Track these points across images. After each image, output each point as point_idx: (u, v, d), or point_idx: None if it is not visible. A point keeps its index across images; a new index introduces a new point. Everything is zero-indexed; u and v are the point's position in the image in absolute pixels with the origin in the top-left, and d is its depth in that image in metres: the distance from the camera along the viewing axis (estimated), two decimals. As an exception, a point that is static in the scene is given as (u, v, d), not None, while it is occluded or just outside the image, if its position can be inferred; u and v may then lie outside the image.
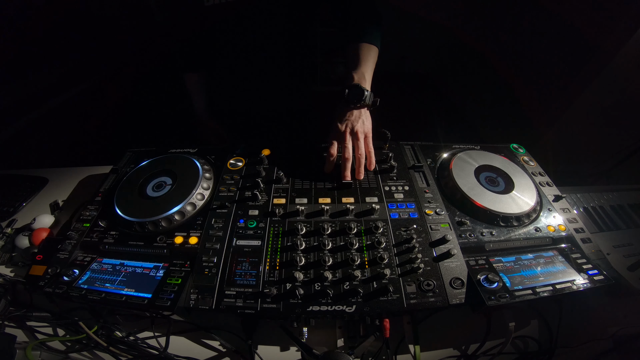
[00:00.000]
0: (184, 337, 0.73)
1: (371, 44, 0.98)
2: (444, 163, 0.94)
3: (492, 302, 0.63)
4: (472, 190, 0.84)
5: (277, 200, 0.82)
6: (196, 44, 1.15)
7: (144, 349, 0.70)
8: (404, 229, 0.76)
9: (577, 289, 0.66)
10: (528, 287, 0.66)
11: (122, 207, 0.82)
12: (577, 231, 0.81)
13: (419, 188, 0.86)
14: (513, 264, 0.72)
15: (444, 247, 0.72)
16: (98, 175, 1.10)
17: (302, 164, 0.92)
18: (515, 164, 0.95)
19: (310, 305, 0.64)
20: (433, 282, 0.67)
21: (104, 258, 0.74)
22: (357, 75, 0.91)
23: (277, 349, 0.72)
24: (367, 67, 0.94)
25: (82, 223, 0.81)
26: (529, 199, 0.84)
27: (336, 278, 0.67)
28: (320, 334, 0.73)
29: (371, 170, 0.90)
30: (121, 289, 0.66)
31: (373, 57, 0.98)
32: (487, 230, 0.78)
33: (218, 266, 0.69)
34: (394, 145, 0.99)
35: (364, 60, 0.95)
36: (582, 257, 0.74)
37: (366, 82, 0.91)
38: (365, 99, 0.88)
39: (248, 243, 0.73)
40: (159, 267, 0.71)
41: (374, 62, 0.98)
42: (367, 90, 0.89)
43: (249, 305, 0.64)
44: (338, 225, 0.76)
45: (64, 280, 0.68)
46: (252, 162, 0.93)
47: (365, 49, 0.97)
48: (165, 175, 0.89)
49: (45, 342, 0.70)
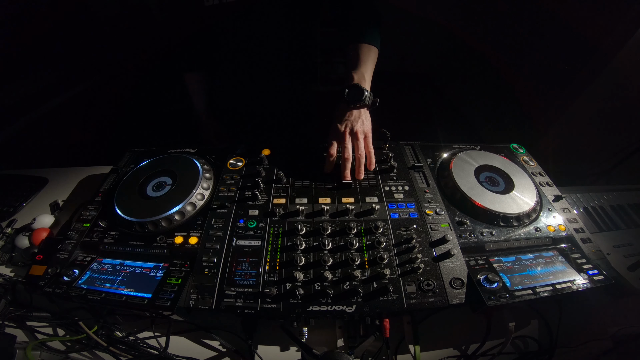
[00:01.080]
0: (184, 337, 0.73)
1: (371, 45, 0.98)
2: (444, 163, 0.94)
3: (492, 302, 0.63)
4: (472, 190, 0.84)
5: (277, 200, 0.82)
6: (197, 44, 1.15)
7: (144, 349, 0.70)
8: (404, 229, 0.76)
9: (577, 289, 0.66)
10: (528, 287, 0.66)
11: (122, 207, 0.82)
12: (577, 231, 0.81)
13: (419, 188, 0.86)
14: (513, 264, 0.72)
15: (444, 247, 0.72)
16: (98, 175, 1.10)
17: (302, 164, 0.92)
18: (515, 164, 0.95)
19: (310, 305, 0.64)
20: (433, 282, 0.67)
21: (104, 258, 0.74)
22: (356, 75, 0.91)
23: (277, 349, 0.72)
24: (366, 67, 0.94)
25: (82, 223, 0.81)
26: (529, 199, 0.84)
27: (336, 278, 0.67)
28: (320, 334, 0.73)
29: (371, 170, 0.90)
30: (121, 289, 0.66)
31: (373, 57, 0.98)
32: (487, 230, 0.78)
33: (218, 266, 0.69)
34: (394, 145, 0.99)
35: (364, 60, 0.95)
36: (582, 257, 0.74)
37: (366, 82, 0.91)
38: (364, 99, 0.88)
39: (248, 243, 0.73)
40: (159, 267, 0.71)
41: (373, 62, 0.98)
42: (366, 90, 0.89)
43: (249, 305, 0.64)
44: (338, 225, 0.76)
45: (64, 280, 0.68)
46: (252, 162, 0.93)
47: (365, 49, 0.97)
48: (165, 175, 0.89)
49: (45, 342, 0.70)
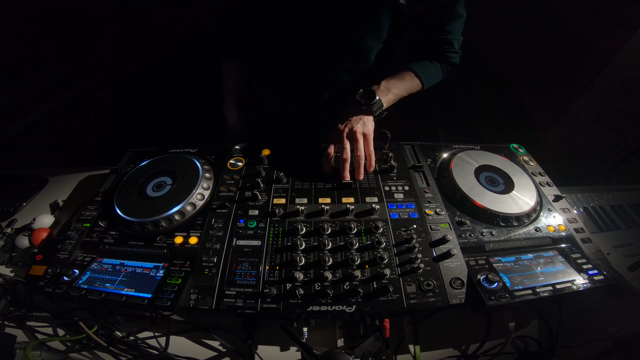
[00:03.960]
0: (184, 337, 0.73)
1: (417, 77, 0.95)
2: (444, 163, 0.94)
3: (492, 302, 0.63)
4: (472, 190, 0.84)
5: (277, 200, 0.82)
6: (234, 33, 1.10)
7: (144, 349, 0.70)
8: (404, 229, 0.76)
9: (577, 289, 0.66)
10: (528, 287, 0.66)
11: (122, 207, 0.82)
12: (577, 231, 0.81)
13: (419, 188, 0.86)
14: (513, 264, 0.72)
15: (444, 247, 0.72)
16: (98, 175, 1.10)
17: (302, 164, 0.92)
18: (515, 164, 0.95)
19: (310, 305, 0.64)
20: (433, 282, 0.67)
21: (104, 258, 0.74)
22: (381, 85, 0.90)
23: (277, 349, 0.72)
24: (397, 87, 0.92)
25: (82, 223, 0.81)
26: (529, 199, 0.84)
27: (336, 278, 0.67)
28: (320, 334, 0.73)
29: (370, 171, 0.89)
30: (121, 289, 0.66)
31: (409, 85, 0.95)
32: (487, 230, 0.78)
33: (218, 266, 0.69)
34: (394, 145, 0.99)
35: (399, 81, 0.93)
36: (582, 257, 0.74)
37: (385, 95, 0.89)
38: (374, 103, 0.86)
39: (248, 243, 0.73)
40: (159, 267, 0.71)
41: (406, 90, 0.95)
42: (378, 97, 0.87)
43: (249, 305, 0.64)
44: (338, 225, 0.76)
45: (64, 280, 0.68)
46: (252, 162, 0.93)
47: (409, 76, 0.95)
48: (165, 175, 0.89)
49: (45, 342, 0.70)
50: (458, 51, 0.99)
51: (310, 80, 1.06)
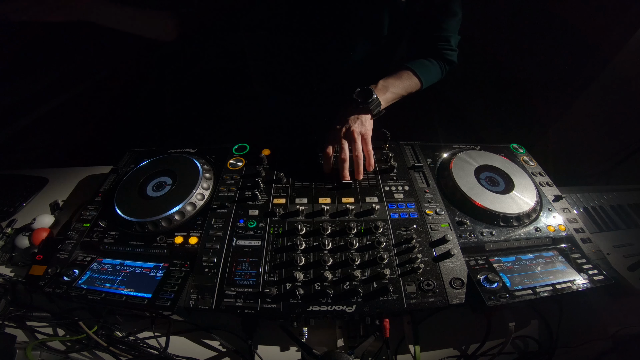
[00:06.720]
0: (184, 337, 0.73)
1: (416, 75, 0.95)
2: (444, 163, 0.94)
3: (492, 302, 0.63)
4: (472, 190, 0.84)
5: (277, 200, 0.82)
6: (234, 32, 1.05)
7: (144, 349, 0.70)
8: (404, 229, 0.76)
9: (577, 289, 0.66)
10: (528, 287, 0.66)
11: (122, 207, 0.82)
12: (577, 231, 0.81)
13: (419, 188, 0.86)
14: (513, 264, 0.72)
15: (444, 247, 0.72)
16: (98, 175, 1.10)
17: (302, 164, 0.92)
18: (515, 164, 0.95)
19: (310, 305, 0.64)
20: (433, 282, 0.67)
21: (104, 258, 0.74)
22: (380, 84, 0.90)
23: (277, 349, 0.72)
24: (395, 86, 0.91)
25: (82, 223, 0.81)
26: (529, 199, 0.84)
27: (336, 278, 0.67)
28: (320, 334, 0.73)
29: (370, 171, 0.89)
30: (121, 289, 0.66)
31: (407, 84, 0.95)
32: (487, 230, 0.78)
33: (218, 266, 0.69)
34: (394, 145, 0.99)
35: (397, 80, 0.93)
36: (582, 257, 0.74)
37: (383, 94, 0.89)
38: (371, 101, 0.86)
39: (248, 243, 0.73)
40: (159, 267, 0.71)
41: (405, 89, 0.94)
42: (375, 95, 0.87)
43: (249, 305, 0.64)
44: (338, 225, 0.76)
45: (64, 280, 0.68)
46: (252, 162, 0.93)
47: (407, 75, 0.94)
48: (165, 175, 0.89)
49: (45, 342, 0.70)
50: (455, 49, 0.99)
51: (310, 80, 1.06)
